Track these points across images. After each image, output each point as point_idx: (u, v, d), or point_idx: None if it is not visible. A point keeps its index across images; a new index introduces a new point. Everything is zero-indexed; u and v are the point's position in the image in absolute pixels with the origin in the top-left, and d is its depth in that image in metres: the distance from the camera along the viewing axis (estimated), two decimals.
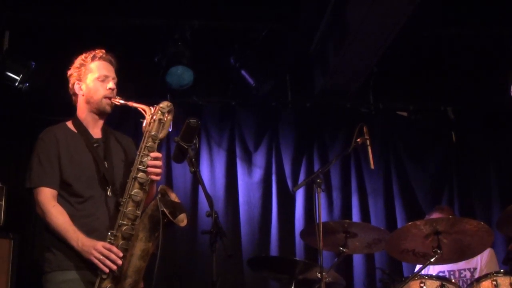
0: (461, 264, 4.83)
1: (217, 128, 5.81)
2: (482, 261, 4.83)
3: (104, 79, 3.44)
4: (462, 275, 4.87)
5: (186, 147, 3.18)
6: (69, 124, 3.49)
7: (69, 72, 3.54)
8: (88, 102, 3.46)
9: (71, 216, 3.25)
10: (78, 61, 3.53)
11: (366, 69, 5.53)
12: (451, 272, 4.89)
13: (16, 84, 4.99)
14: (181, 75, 5.31)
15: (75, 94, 3.51)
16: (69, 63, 5.10)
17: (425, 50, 5.72)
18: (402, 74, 5.92)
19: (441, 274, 4.87)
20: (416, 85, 6.00)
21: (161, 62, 5.40)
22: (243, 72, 5.56)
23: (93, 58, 3.49)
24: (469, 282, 4.66)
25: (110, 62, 3.52)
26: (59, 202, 3.29)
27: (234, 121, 5.86)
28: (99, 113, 3.47)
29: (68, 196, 3.32)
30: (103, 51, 3.52)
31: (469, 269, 4.86)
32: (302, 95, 5.93)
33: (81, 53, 3.55)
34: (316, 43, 5.66)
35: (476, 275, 4.78)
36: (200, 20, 5.39)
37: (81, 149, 3.39)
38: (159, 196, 3.19)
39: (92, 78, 3.45)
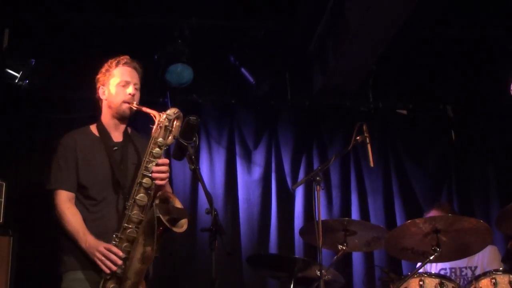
0: (463, 262, 4.83)
1: (217, 126, 5.81)
2: (484, 259, 4.82)
3: (125, 84, 3.56)
4: (463, 273, 4.87)
5: (185, 144, 3.21)
6: (93, 127, 3.63)
7: (97, 77, 3.66)
8: (109, 106, 3.59)
9: (85, 218, 3.39)
10: (104, 66, 3.65)
11: (365, 68, 5.53)
12: (452, 270, 4.90)
13: (16, 81, 5.00)
14: (180, 73, 5.31)
15: (100, 99, 3.62)
16: (68, 61, 5.12)
17: (424, 49, 5.71)
18: (401, 73, 5.92)
19: (442, 271, 4.88)
20: (416, 84, 6.00)
21: (160, 60, 5.40)
22: (242, 70, 5.56)
23: (117, 64, 3.62)
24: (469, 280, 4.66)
25: (134, 68, 3.64)
26: (75, 205, 3.43)
27: (233, 119, 5.86)
28: (120, 117, 3.58)
29: (83, 199, 3.45)
30: (127, 57, 3.65)
31: (470, 268, 4.86)
32: (301, 94, 5.93)
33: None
34: (315, 42, 5.66)
35: (477, 273, 4.78)
36: (199, 19, 5.38)
37: (99, 153, 3.51)
38: (157, 202, 3.25)
39: (114, 83, 3.58)
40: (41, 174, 3.70)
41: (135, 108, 3.53)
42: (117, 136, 3.58)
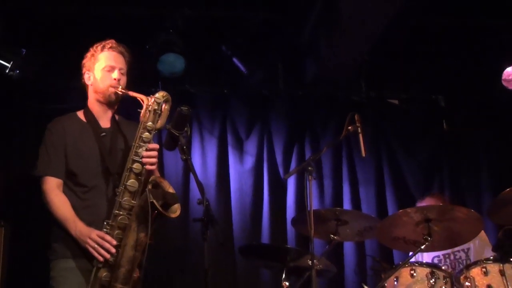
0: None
1: (209, 116, 5.79)
2: (475, 240, 4.83)
3: (110, 69, 3.52)
4: (457, 257, 4.89)
5: (177, 134, 3.21)
6: (80, 114, 3.58)
7: (82, 62, 3.62)
8: (95, 92, 3.56)
9: (75, 206, 3.34)
10: (90, 51, 3.61)
11: (358, 57, 5.53)
12: (446, 255, 4.92)
13: (7, 71, 4.97)
14: (172, 62, 5.30)
15: (86, 85, 3.59)
16: (59, 50, 5.08)
17: (417, 39, 5.71)
18: (394, 63, 5.91)
19: (436, 259, 4.90)
20: (408, 74, 6.00)
21: (152, 50, 5.38)
22: (235, 60, 5.55)
23: (102, 49, 3.57)
24: (464, 263, 4.68)
25: (120, 52, 3.60)
26: (64, 192, 3.38)
27: (225, 109, 5.86)
28: (106, 102, 3.54)
29: (73, 186, 3.40)
30: (113, 41, 3.59)
31: (463, 250, 4.87)
32: (294, 84, 5.92)
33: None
34: (308, 31, 5.65)
35: (471, 255, 4.80)
36: (191, 9, 5.36)
37: (88, 139, 3.47)
38: (150, 187, 3.22)
39: (99, 68, 3.54)
40: (33, 165, 3.68)
41: (120, 93, 3.49)
42: (105, 122, 3.54)
